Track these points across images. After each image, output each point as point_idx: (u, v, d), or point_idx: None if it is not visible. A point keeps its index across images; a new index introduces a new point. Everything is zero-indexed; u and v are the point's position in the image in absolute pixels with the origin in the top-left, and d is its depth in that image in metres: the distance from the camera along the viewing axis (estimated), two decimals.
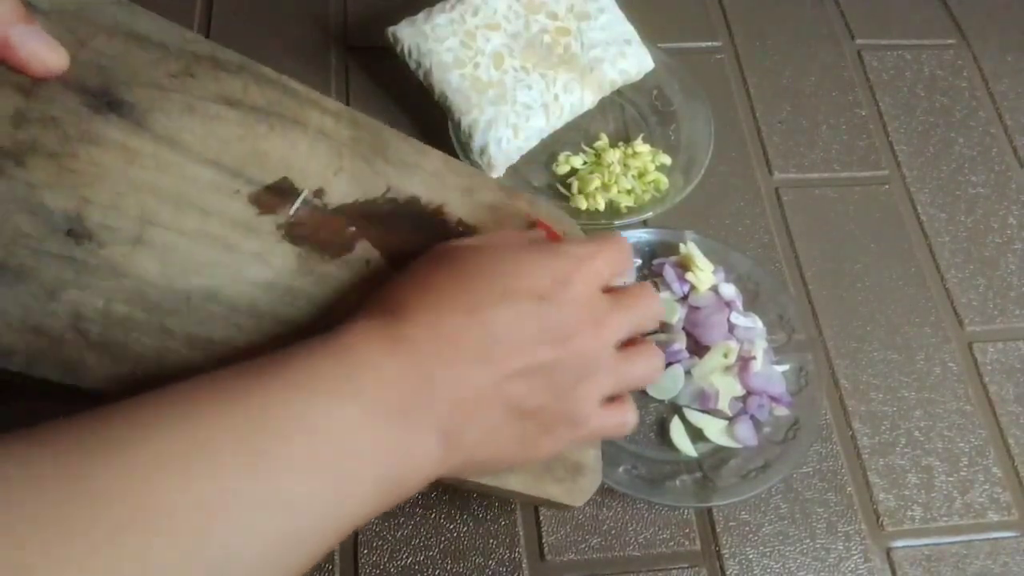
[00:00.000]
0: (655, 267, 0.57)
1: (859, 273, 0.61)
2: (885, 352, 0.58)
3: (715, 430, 0.52)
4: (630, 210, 0.60)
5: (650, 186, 0.61)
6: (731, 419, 0.53)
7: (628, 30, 0.64)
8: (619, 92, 0.65)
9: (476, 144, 0.58)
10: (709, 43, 0.71)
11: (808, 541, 0.50)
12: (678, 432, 0.52)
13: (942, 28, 0.75)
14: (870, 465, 0.53)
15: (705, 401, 0.52)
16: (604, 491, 0.50)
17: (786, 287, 0.59)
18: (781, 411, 0.53)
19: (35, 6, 0.35)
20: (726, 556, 0.49)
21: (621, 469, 0.50)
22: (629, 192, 0.60)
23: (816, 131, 0.67)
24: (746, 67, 0.70)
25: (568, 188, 0.61)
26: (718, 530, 0.50)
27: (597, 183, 0.60)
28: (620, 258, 0.40)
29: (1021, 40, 0.75)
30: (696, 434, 0.52)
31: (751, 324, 0.55)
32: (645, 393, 0.53)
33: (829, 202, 0.64)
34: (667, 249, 0.58)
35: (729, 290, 0.56)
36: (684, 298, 0.56)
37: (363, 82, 0.64)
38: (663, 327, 0.55)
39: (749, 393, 0.53)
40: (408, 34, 0.60)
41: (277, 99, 0.44)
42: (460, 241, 0.40)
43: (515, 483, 0.42)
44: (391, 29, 0.61)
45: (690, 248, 0.56)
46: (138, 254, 0.36)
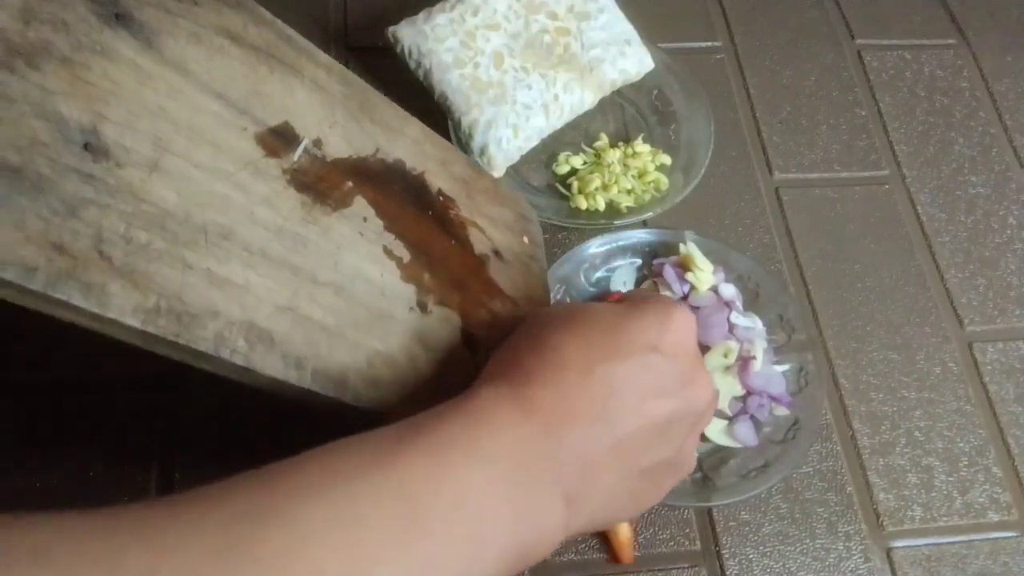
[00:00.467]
0: (655, 267, 0.57)
1: (859, 273, 0.61)
2: (885, 352, 0.58)
3: (715, 430, 0.52)
4: (630, 210, 0.60)
5: (650, 186, 0.61)
6: (731, 419, 0.53)
7: (628, 30, 0.64)
8: (619, 92, 0.65)
9: (476, 144, 0.58)
10: (709, 43, 0.71)
11: (808, 541, 0.50)
12: None
13: (942, 28, 0.75)
14: (870, 465, 0.53)
15: None
16: None
17: (786, 287, 0.59)
18: (781, 411, 0.53)
19: None
20: (726, 556, 0.49)
21: None
22: (629, 192, 0.60)
23: (816, 131, 0.67)
24: (746, 67, 0.70)
25: (568, 188, 0.61)
26: (718, 530, 0.50)
27: (597, 183, 0.60)
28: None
29: (1021, 40, 0.75)
30: None
31: (751, 324, 0.55)
32: None
33: (829, 202, 0.64)
34: (667, 249, 0.58)
35: (729, 290, 0.56)
36: (684, 298, 0.56)
37: None
38: None
39: (749, 393, 0.53)
40: (408, 34, 0.60)
41: (274, 42, 0.43)
42: (560, 305, 0.41)
43: None
44: (391, 29, 0.61)
45: (690, 248, 0.56)
46: (155, 180, 0.34)
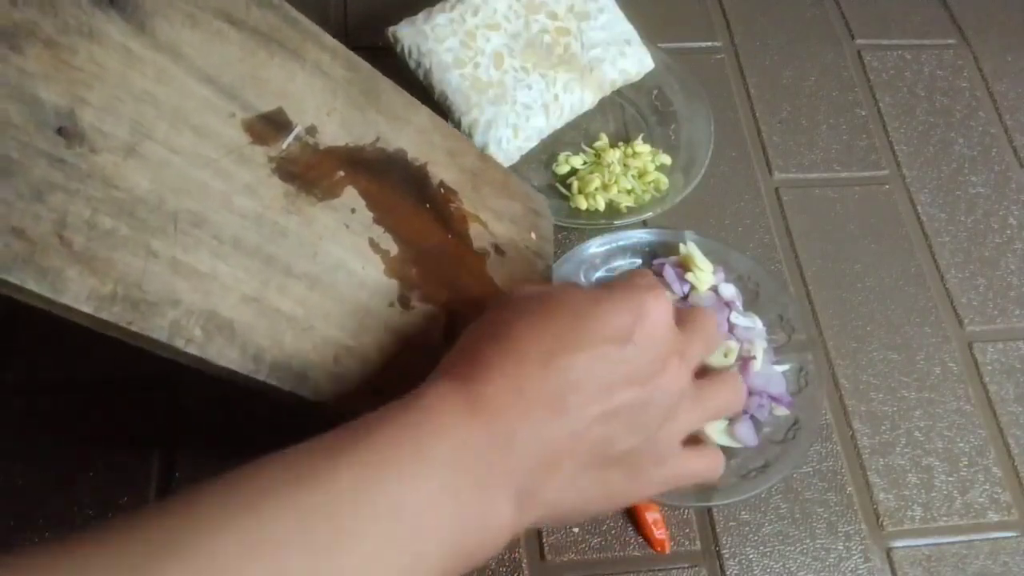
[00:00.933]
0: (655, 267, 0.57)
1: (859, 273, 0.61)
2: (885, 352, 0.58)
3: (715, 430, 0.52)
4: (630, 210, 0.60)
5: (650, 186, 0.61)
6: (731, 419, 0.53)
7: (628, 30, 0.64)
8: (619, 92, 0.65)
9: (476, 144, 0.58)
10: (709, 43, 0.71)
11: (808, 541, 0.50)
12: None
13: (942, 28, 0.75)
14: (870, 465, 0.53)
15: None
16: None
17: (786, 287, 0.59)
18: (781, 411, 0.53)
19: None
20: (726, 556, 0.49)
21: None
22: (629, 192, 0.60)
23: (816, 131, 0.67)
24: (746, 67, 0.70)
25: (568, 188, 0.61)
26: (718, 530, 0.50)
27: (597, 183, 0.60)
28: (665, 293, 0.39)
29: (1021, 40, 0.75)
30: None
31: (751, 324, 0.55)
32: None
33: (829, 202, 0.64)
34: (667, 249, 0.58)
35: (729, 290, 0.56)
36: (684, 298, 0.56)
37: None
38: None
39: (749, 393, 0.53)
40: (408, 34, 0.60)
41: (278, 25, 0.42)
42: (531, 288, 0.39)
43: None
44: (391, 29, 0.61)
45: (690, 248, 0.56)
46: (130, 165, 0.34)
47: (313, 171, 0.41)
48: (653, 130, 0.65)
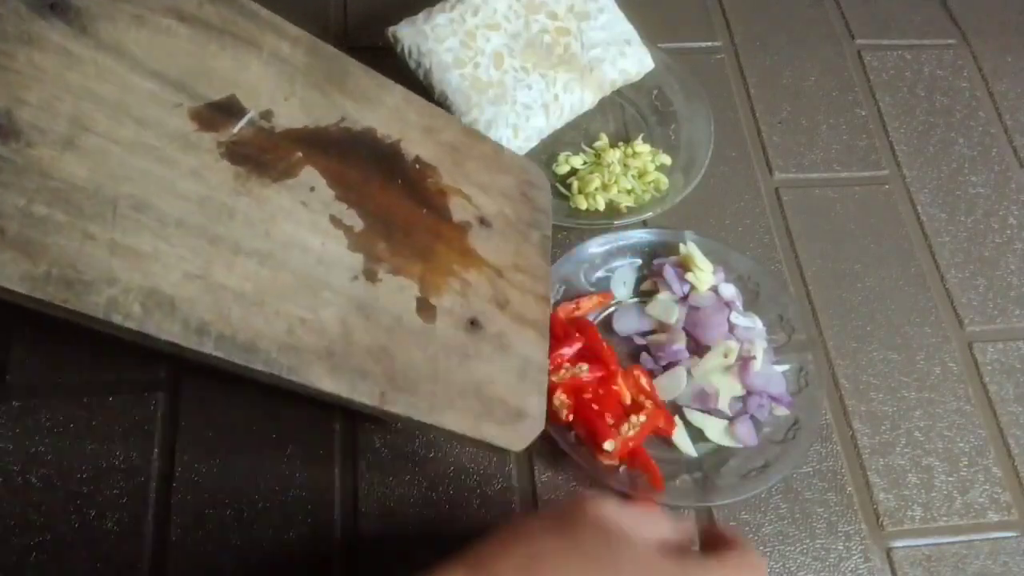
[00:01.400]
0: (655, 267, 0.57)
1: (859, 273, 0.61)
2: (885, 352, 0.58)
3: (715, 430, 0.52)
4: (630, 210, 0.60)
5: (650, 186, 0.61)
6: (731, 419, 0.53)
7: (628, 30, 0.64)
8: (619, 92, 0.65)
9: None
10: (709, 43, 0.71)
11: (808, 541, 0.50)
12: (678, 432, 0.52)
13: (942, 28, 0.75)
14: (870, 465, 0.53)
15: (705, 401, 0.52)
16: (605, 491, 0.50)
17: (786, 287, 0.59)
18: (781, 411, 0.53)
19: None
20: None
21: (622, 470, 0.50)
22: (629, 192, 0.60)
23: (816, 131, 0.67)
24: (746, 67, 0.70)
25: (568, 188, 0.61)
26: None
27: (597, 183, 0.60)
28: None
29: (1021, 40, 0.75)
30: (696, 434, 0.52)
31: (751, 324, 0.55)
32: None
33: (829, 202, 0.64)
34: (667, 249, 0.58)
35: (729, 290, 0.56)
36: (684, 298, 0.56)
37: None
38: (663, 327, 0.55)
39: (749, 393, 0.53)
40: (408, 34, 0.60)
41: (232, 18, 0.44)
42: (538, 520, 0.37)
43: (451, 422, 0.42)
44: (391, 29, 0.61)
45: (690, 248, 0.56)
46: (67, 157, 0.36)
47: (267, 153, 0.43)
48: (653, 130, 0.65)
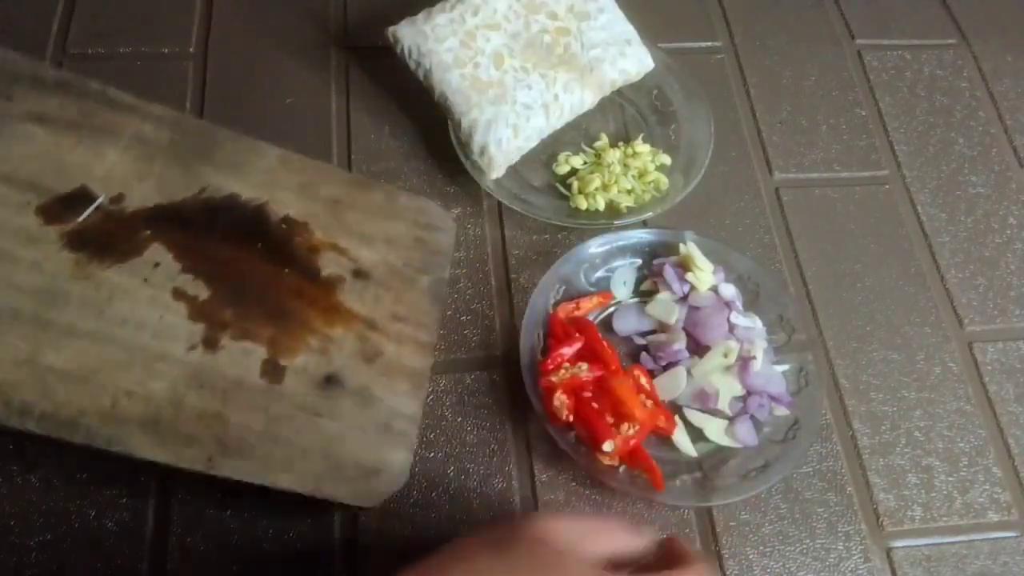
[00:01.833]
0: (655, 267, 0.57)
1: (859, 273, 0.61)
2: (885, 352, 0.58)
3: (715, 430, 0.52)
4: (630, 210, 0.60)
5: (650, 186, 0.61)
6: (731, 419, 0.53)
7: (628, 30, 0.64)
8: (619, 92, 0.65)
9: (476, 144, 0.58)
10: (709, 43, 0.71)
11: (808, 541, 0.50)
12: (678, 432, 0.52)
13: (942, 28, 0.75)
14: (870, 465, 0.53)
15: (705, 401, 0.52)
16: (604, 491, 0.50)
17: (786, 287, 0.59)
18: (781, 411, 0.53)
19: None
20: (726, 556, 0.49)
21: (622, 470, 0.50)
22: (629, 192, 0.60)
23: (816, 131, 0.67)
24: (746, 67, 0.70)
25: (568, 188, 0.61)
26: (718, 530, 0.50)
27: (597, 183, 0.60)
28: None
29: (1021, 40, 0.75)
30: (696, 434, 0.52)
31: (751, 324, 0.55)
32: None
33: (829, 202, 0.64)
34: (667, 249, 0.58)
35: (729, 290, 0.56)
36: (684, 298, 0.56)
37: (363, 82, 0.64)
38: (663, 327, 0.55)
39: (749, 393, 0.53)
40: (408, 34, 0.60)
41: (92, 111, 0.47)
42: (477, 540, 0.37)
43: (287, 482, 0.43)
44: (391, 29, 0.61)
45: (690, 248, 0.56)
46: None
47: (113, 236, 0.46)
48: (653, 130, 0.65)
